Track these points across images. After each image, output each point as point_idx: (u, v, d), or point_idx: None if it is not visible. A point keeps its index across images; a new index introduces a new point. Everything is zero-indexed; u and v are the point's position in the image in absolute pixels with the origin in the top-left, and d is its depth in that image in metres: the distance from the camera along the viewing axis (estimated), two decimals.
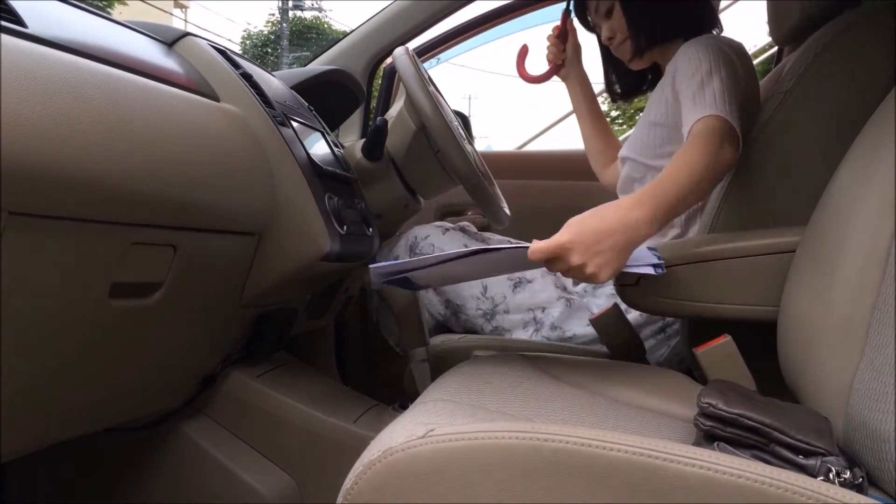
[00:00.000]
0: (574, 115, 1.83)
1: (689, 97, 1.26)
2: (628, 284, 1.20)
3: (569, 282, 1.52)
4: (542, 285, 1.51)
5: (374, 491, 0.62)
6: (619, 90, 1.67)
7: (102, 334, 0.92)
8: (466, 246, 1.55)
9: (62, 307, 0.83)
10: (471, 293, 1.52)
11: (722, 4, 1.59)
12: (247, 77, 1.23)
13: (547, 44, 1.74)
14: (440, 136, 1.42)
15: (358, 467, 0.63)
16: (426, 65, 2.09)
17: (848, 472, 0.64)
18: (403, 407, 1.35)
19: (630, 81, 1.66)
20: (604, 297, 1.47)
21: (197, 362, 1.22)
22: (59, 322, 0.84)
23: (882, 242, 0.77)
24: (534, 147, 3.32)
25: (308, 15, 21.95)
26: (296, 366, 1.45)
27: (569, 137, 1.69)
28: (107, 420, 1.12)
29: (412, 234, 1.61)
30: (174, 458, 1.25)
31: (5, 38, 0.73)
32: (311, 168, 1.23)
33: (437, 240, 1.57)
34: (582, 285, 1.50)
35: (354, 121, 2.04)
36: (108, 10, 13.16)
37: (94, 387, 0.99)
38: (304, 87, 1.59)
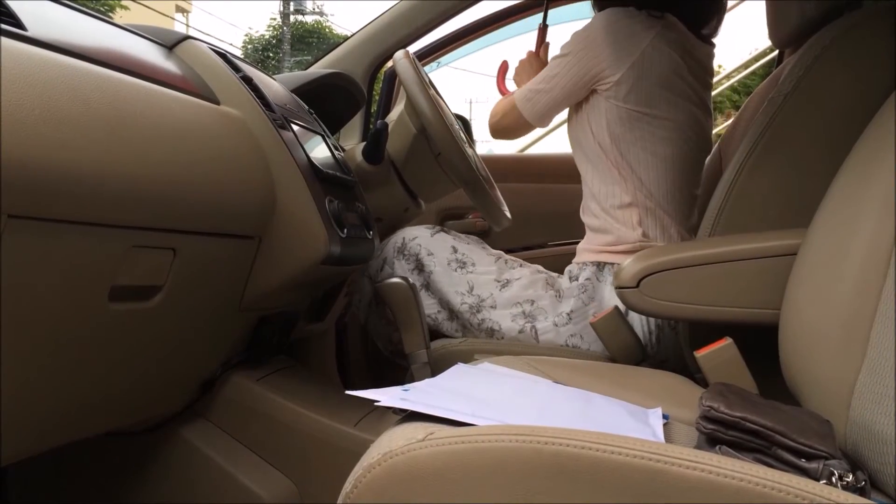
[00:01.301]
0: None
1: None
2: (627, 287, 1.20)
3: (559, 282, 1.52)
4: (529, 281, 1.52)
5: (374, 494, 0.61)
6: None
7: (102, 338, 0.92)
8: (455, 248, 1.56)
9: (61, 310, 0.83)
10: (456, 289, 1.53)
11: (728, 5, 1.59)
12: (247, 80, 1.23)
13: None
14: (441, 139, 1.42)
15: (358, 471, 0.63)
16: (427, 68, 2.10)
17: (850, 476, 0.64)
18: (404, 410, 1.34)
19: None
20: (581, 280, 1.48)
21: (197, 366, 1.22)
22: (59, 325, 0.84)
23: (883, 245, 0.76)
24: (535, 150, 3.32)
25: (309, 19, 21.99)
26: (296, 369, 1.45)
27: (565, 144, 1.71)
28: (107, 424, 1.11)
29: (399, 235, 1.62)
30: (174, 462, 1.25)
31: (5, 41, 0.73)
32: (312, 171, 1.23)
33: (424, 241, 1.59)
34: (572, 284, 1.50)
35: (355, 124, 2.04)
36: (110, 13, 13.19)
37: (93, 390, 0.99)
38: (305, 91, 1.59)
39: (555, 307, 1.48)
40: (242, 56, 1.44)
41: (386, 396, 0.74)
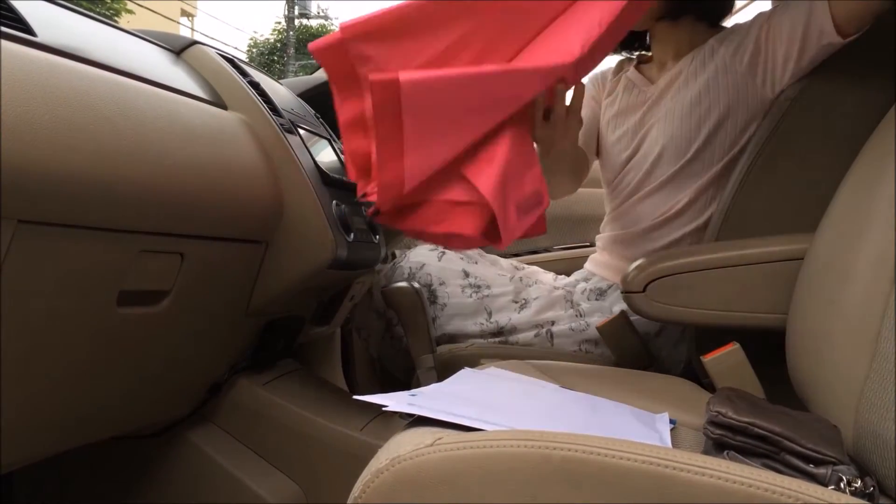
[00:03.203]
0: None
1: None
2: (633, 292, 1.20)
3: (578, 299, 1.50)
4: (548, 302, 1.49)
5: (382, 499, 0.61)
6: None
7: (110, 342, 0.92)
8: (466, 273, 1.52)
9: (70, 315, 0.83)
10: (474, 320, 1.49)
11: (737, 5, 1.56)
12: (254, 85, 1.23)
13: None
14: None
15: (366, 476, 0.63)
16: None
17: (859, 481, 0.63)
18: (410, 415, 1.34)
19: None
20: (609, 301, 1.46)
21: (204, 370, 1.22)
22: (67, 329, 0.84)
23: (891, 250, 0.76)
24: None
25: (314, 23, 22.05)
26: (302, 373, 1.45)
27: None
28: (114, 428, 1.12)
29: (405, 265, 1.55)
30: (181, 465, 1.25)
31: (14, 46, 0.74)
32: (318, 175, 1.23)
33: (434, 269, 1.52)
34: (595, 304, 1.47)
35: None
36: (115, 17, 13.24)
37: (101, 395, 0.99)
38: (312, 95, 1.60)
39: (575, 330, 1.46)
40: (248, 60, 1.45)
41: (393, 401, 0.74)
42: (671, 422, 0.86)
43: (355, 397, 0.79)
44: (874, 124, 0.96)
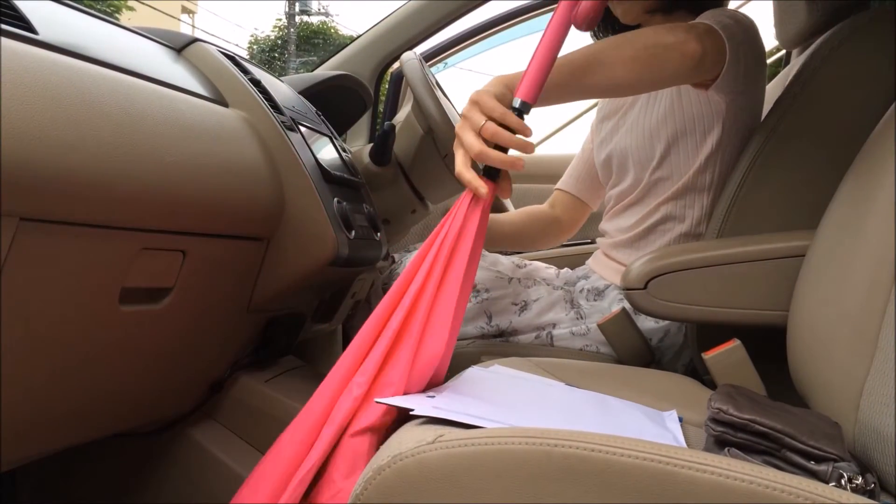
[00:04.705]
0: (581, 119, 1.80)
1: None
2: (634, 289, 1.20)
3: (578, 298, 1.50)
4: (548, 304, 1.49)
5: (384, 497, 0.62)
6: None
7: (112, 339, 0.93)
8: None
9: (72, 312, 0.83)
10: (475, 324, 1.49)
11: (733, 5, 1.56)
12: (255, 83, 1.23)
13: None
14: (448, 140, 1.42)
15: (367, 473, 0.63)
16: (434, 69, 2.10)
17: (860, 478, 0.64)
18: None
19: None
20: (607, 301, 1.46)
21: (206, 367, 1.22)
22: (69, 327, 0.85)
23: (891, 248, 0.76)
24: (540, 151, 3.31)
25: (315, 20, 22.02)
26: (304, 370, 1.45)
27: (575, 142, 1.68)
28: (116, 425, 1.12)
29: (401, 265, 1.56)
30: (183, 463, 1.25)
31: (16, 44, 0.74)
32: (320, 173, 1.23)
33: None
34: (595, 303, 1.47)
35: (362, 126, 2.04)
36: (117, 15, 13.23)
37: (103, 392, 0.99)
38: (312, 93, 1.59)
39: (576, 335, 1.46)
40: (248, 57, 1.45)
41: (416, 404, 0.73)
42: (678, 419, 0.86)
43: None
44: (874, 123, 0.96)
